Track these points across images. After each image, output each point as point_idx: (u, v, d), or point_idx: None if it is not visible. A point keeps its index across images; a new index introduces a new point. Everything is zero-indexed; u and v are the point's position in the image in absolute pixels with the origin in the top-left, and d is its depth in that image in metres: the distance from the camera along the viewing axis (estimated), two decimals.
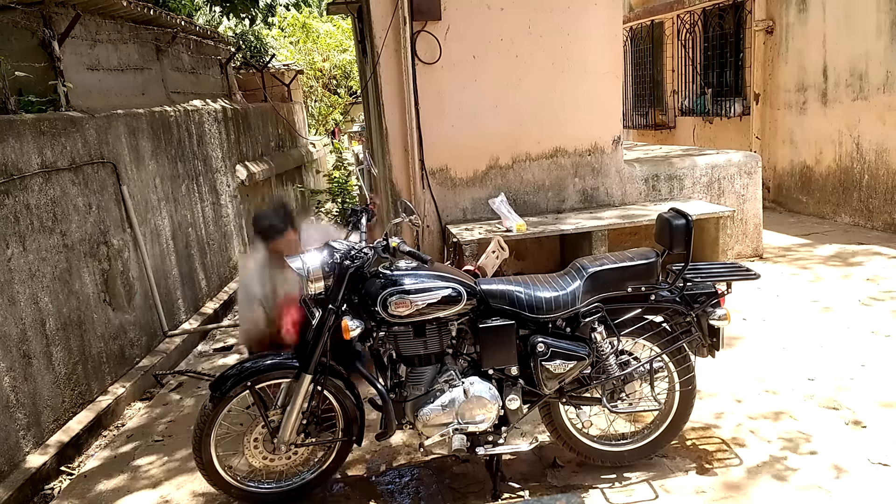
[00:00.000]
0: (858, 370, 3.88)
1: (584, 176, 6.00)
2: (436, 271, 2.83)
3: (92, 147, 4.47)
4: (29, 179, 3.74)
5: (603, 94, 5.86)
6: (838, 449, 3.11)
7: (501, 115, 5.68)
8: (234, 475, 3.00)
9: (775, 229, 7.27)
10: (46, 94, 4.47)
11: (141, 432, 4.00)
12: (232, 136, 7.74)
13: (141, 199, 5.16)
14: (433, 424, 2.81)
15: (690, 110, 10.17)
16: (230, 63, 9.10)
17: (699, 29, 9.76)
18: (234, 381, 2.82)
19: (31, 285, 3.67)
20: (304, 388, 2.81)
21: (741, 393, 3.73)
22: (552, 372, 2.79)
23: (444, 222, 5.75)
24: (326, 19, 18.07)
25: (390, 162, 5.68)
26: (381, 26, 5.35)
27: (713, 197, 6.22)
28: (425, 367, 2.85)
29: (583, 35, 5.70)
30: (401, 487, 3.12)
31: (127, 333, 4.68)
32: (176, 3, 7.91)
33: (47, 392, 3.73)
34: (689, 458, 3.15)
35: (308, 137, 13.20)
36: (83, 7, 4.93)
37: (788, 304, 5.03)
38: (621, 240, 5.82)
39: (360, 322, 2.71)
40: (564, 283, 2.88)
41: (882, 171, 6.87)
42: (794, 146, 8.20)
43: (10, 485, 3.26)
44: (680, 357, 3.00)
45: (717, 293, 2.94)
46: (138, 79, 5.92)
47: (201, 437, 2.85)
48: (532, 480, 3.06)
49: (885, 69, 6.69)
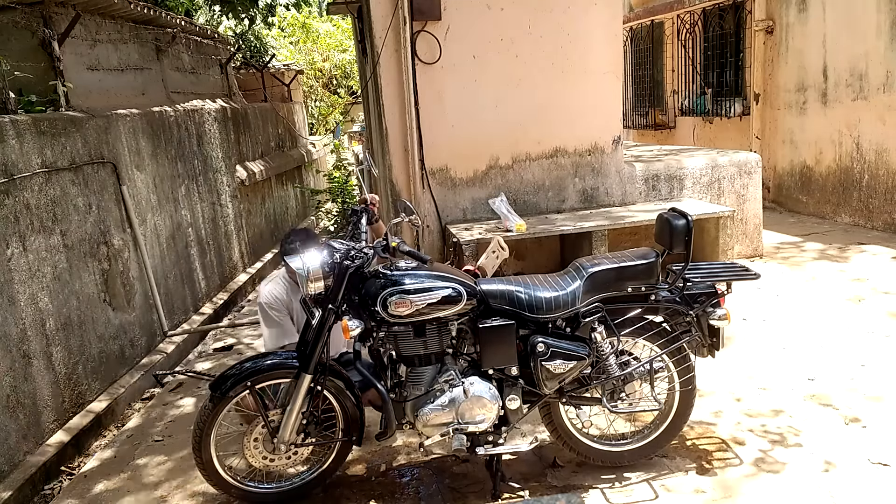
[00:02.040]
0: (858, 370, 3.88)
1: (584, 176, 6.00)
2: (436, 271, 2.83)
3: (92, 147, 4.47)
4: (29, 179, 3.75)
5: (603, 95, 5.86)
6: (838, 449, 3.11)
7: (501, 115, 5.68)
8: (233, 475, 3.00)
9: (775, 229, 7.27)
10: (46, 94, 4.47)
11: (141, 432, 4.00)
12: (232, 136, 7.74)
13: (141, 199, 5.16)
14: (433, 424, 2.81)
15: (690, 110, 10.17)
16: (230, 63, 9.10)
17: (699, 29, 9.76)
18: (234, 381, 2.82)
19: (31, 285, 3.67)
20: (304, 388, 2.81)
21: (741, 392, 3.73)
22: (552, 372, 2.79)
23: (444, 222, 5.75)
24: (326, 19, 18.08)
25: (390, 162, 5.68)
26: (381, 26, 5.36)
27: (713, 197, 6.22)
28: (425, 367, 2.85)
29: (583, 35, 5.70)
30: (401, 487, 3.12)
31: (127, 333, 4.68)
32: (175, 3, 7.91)
33: (47, 392, 3.73)
34: (688, 457, 3.15)
35: (308, 137, 13.20)
36: (83, 7, 4.93)
37: (788, 304, 5.03)
38: (621, 240, 5.82)
39: (360, 322, 2.71)
40: (564, 283, 2.88)
41: (882, 171, 6.87)
42: (794, 146, 8.20)
43: (10, 485, 3.26)
44: (680, 357, 3.00)
45: (717, 293, 2.94)
46: (138, 79, 5.92)
47: (201, 436, 2.85)
48: (532, 480, 3.06)
49: (885, 69, 6.69)
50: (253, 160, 8.58)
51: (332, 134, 16.77)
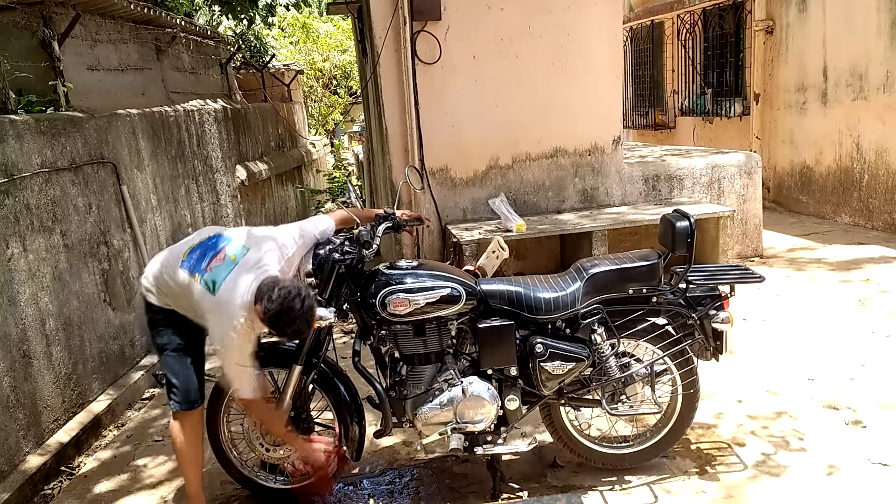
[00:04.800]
0: (858, 370, 3.88)
1: (584, 176, 6.00)
2: (435, 270, 2.83)
3: (92, 147, 4.47)
4: (29, 179, 3.74)
5: (603, 95, 5.85)
6: (838, 449, 3.11)
7: (501, 115, 5.67)
8: (243, 462, 3.05)
9: (775, 229, 7.26)
10: (46, 94, 4.47)
11: (141, 432, 4.00)
12: (232, 136, 7.74)
13: (141, 200, 5.16)
14: (432, 423, 2.81)
15: (690, 110, 10.17)
16: (230, 63, 9.10)
17: (699, 29, 9.76)
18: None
19: (31, 285, 3.67)
20: (294, 378, 2.83)
21: (741, 393, 3.73)
22: (550, 373, 2.78)
23: (444, 222, 5.75)
24: (326, 19, 18.08)
25: (390, 162, 5.68)
26: (381, 26, 5.35)
27: (713, 197, 6.22)
28: (425, 366, 2.85)
29: (583, 35, 5.70)
30: (401, 487, 3.12)
31: (127, 333, 4.68)
32: (175, 3, 7.91)
33: (47, 392, 3.73)
34: (689, 458, 3.15)
35: (308, 137, 13.20)
36: (83, 7, 4.93)
37: (788, 304, 5.03)
38: (621, 240, 5.82)
39: (332, 312, 2.67)
40: (565, 284, 2.87)
41: (882, 171, 6.87)
42: (794, 146, 8.20)
43: (10, 485, 3.26)
44: (682, 360, 2.98)
45: (720, 296, 2.93)
46: (138, 79, 5.92)
47: (213, 418, 2.94)
48: (532, 480, 3.06)
49: (885, 69, 6.69)
50: (253, 160, 8.58)
51: (333, 134, 16.78)
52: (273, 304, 2.39)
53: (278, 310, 2.39)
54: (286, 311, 2.39)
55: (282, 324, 2.42)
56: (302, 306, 2.42)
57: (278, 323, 2.42)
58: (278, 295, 2.39)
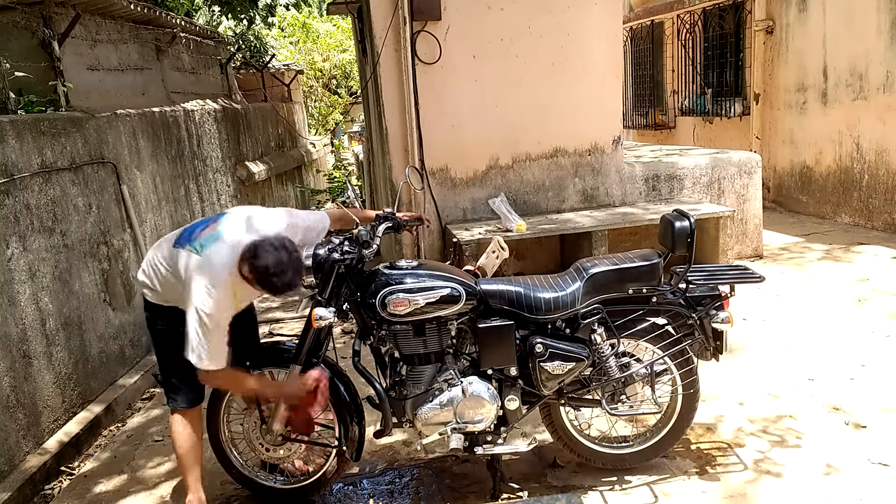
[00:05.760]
0: (858, 370, 3.88)
1: (584, 176, 6.00)
2: (435, 270, 2.83)
3: (92, 147, 4.47)
4: (29, 179, 3.74)
5: (603, 95, 5.85)
6: (839, 449, 3.11)
7: (501, 115, 5.67)
8: (243, 461, 3.05)
9: (775, 229, 7.26)
10: (46, 94, 4.47)
11: (141, 432, 4.00)
12: (232, 136, 7.74)
13: (141, 199, 5.16)
14: (432, 423, 2.81)
15: (690, 110, 10.16)
16: (230, 63, 9.10)
17: (699, 29, 9.76)
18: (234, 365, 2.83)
19: (32, 285, 3.67)
20: None
21: (741, 393, 3.73)
22: (550, 373, 2.78)
23: (444, 222, 5.75)
24: (326, 19, 18.08)
25: (390, 162, 5.68)
26: (381, 26, 5.35)
27: (713, 197, 6.22)
28: (425, 366, 2.85)
29: (583, 35, 5.69)
30: (401, 487, 3.12)
31: (127, 333, 4.68)
32: (174, 3, 7.91)
33: (47, 392, 3.73)
34: (689, 458, 3.15)
35: (308, 137, 13.20)
36: (83, 7, 4.93)
37: (788, 304, 5.03)
38: (621, 240, 5.82)
39: (332, 312, 2.67)
40: (564, 284, 2.87)
41: (882, 171, 6.87)
42: (794, 146, 8.20)
43: (10, 485, 3.26)
44: (682, 360, 2.98)
45: (720, 296, 2.92)
46: (138, 79, 5.92)
47: (213, 415, 2.95)
48: (532, 480, 3.06)
49: (885, 69, 6.69)
50: (253, 160, 8.58)
51: (333, 134, 16.77)
52: (260, 259, 2.40)
53: (266, 264, 2.39)
54: (275, 264, 2.39)
55: (273, 278, 2.42)
56: (290, 258, 2.43)
57: (269, 278, 2.41)
58: (264, 250, 2.40)
